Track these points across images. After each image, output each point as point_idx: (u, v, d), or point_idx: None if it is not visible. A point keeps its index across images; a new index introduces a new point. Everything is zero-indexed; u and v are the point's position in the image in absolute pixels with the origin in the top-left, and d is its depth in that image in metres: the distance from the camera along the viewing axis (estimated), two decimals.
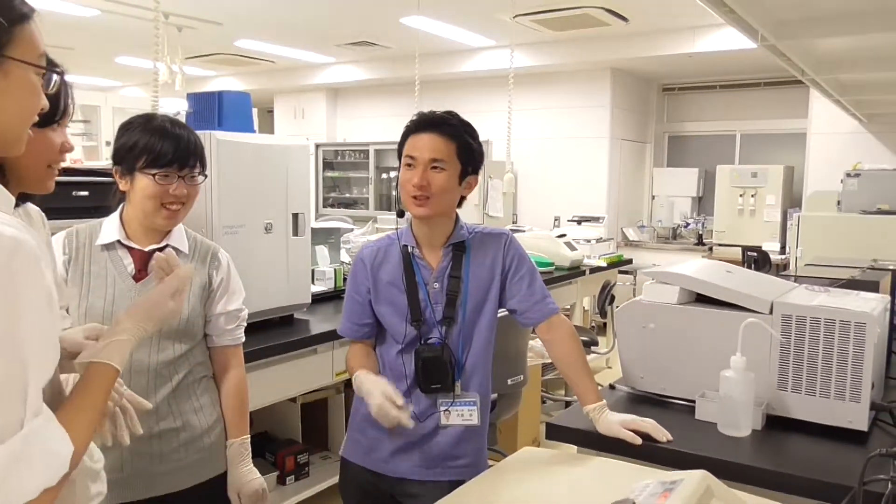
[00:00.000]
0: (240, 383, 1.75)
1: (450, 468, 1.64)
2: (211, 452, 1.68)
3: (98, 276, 1.59)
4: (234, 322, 1.71)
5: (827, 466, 1.46)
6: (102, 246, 1.61)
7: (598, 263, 5.25)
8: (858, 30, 2.77)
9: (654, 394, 1.85)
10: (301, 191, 2.84)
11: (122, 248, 1.61)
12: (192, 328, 1.64)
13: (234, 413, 1.72)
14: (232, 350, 1.73)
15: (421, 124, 1.61)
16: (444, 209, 1.62)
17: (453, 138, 1.59)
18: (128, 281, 1.59)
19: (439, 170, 1.57)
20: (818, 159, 6.49)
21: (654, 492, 1.07)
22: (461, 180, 1.62)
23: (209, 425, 1.68)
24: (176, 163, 1.56)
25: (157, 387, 1.60)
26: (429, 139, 1.58)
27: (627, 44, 6.55)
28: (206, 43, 7.12)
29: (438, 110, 1.66)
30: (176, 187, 1.57)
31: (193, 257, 1.66)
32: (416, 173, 1.57)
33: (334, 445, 3.34)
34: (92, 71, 8.96)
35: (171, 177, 1.56)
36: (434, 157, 1.57)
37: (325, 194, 8.53)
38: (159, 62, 3.22)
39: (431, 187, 1.56)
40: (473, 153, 1.63)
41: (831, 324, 1.60)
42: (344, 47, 7.45)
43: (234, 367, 1.74)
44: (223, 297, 1.69)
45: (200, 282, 1.66)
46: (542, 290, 1.69)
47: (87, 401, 0.95)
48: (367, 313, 1.69)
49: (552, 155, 7.63)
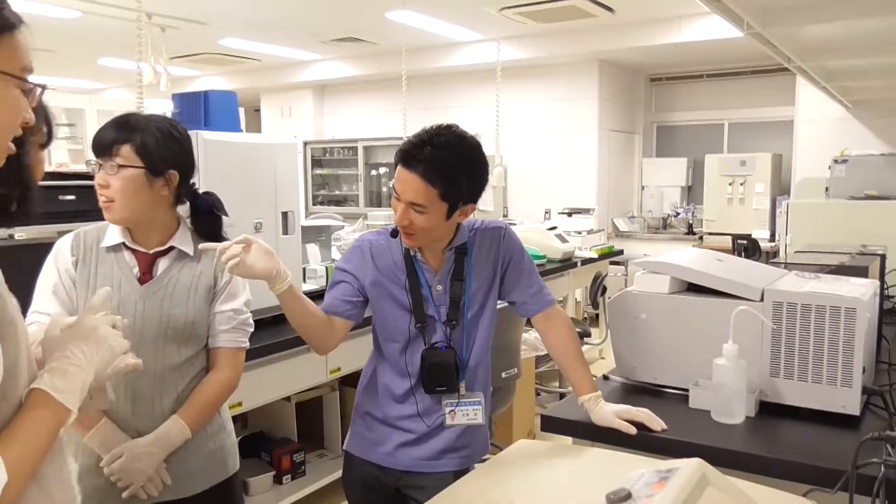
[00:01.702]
0: (220, 384, 1.63)
1: (455, 458, 1.66)
2: (216, 457, 1.66)
3: (104, 277, 1.57)
4: (231, 323, 1.65)
5: (820, 451, 1.47)
6: (108, 248, 1.59)
7: (589, 255, 5.26)
8: (843, 16, 2.78)
9: (648, 383, 1.85)
10: (290, 189, 2.83)
11: (127, 251, 1.59)
12: (196, 331, 1.61)
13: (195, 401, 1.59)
14: (226, 352, 1.65)
15: (406, 157, 1.49)
16: (435, 239, 1.59)
17: (436, 182, 1.47)
18: (133, 283, 1.57)
19: (420, 212, 1.50)
20: (806, 146, 6.53)
21: (650, 481, 1.07)
22: (450, 215, 1.54)
23: (214, 431, 1.66)
24: (96, 152, 1.53)
25: (162, 393, 1.57)
26: (410, 180, 1.48)
27: (614, 34, 6.55)
28: (190, 43, 7.07)
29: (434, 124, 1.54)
30: (99, 177, 1.53)
31: (198, 259, 1.63)
32: (399, 209, 1.52)
33: (330, 443, 3.34)
34: (75, 73, 8.87)
35: (97, 167, 1.53)
36: (413, 200, 1.49)
37: (315, 192, 8.50)
38: (143, 63, 3.19)
39: (413, 226, 1.52)
40: (462, 192, 1.52)
41: (822, 310, 1.61)
42: (330, 44, 7.42)
43: (222, 369, 1.64)
44: (223, 297, 1.65)
45: (206, 283, 1.62)
46: (539, 281, 1.71)
47: (24, 433, 0.84)
48: (356, 294, 1.64)
49: (541, 148, 7.63)
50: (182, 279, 1.60)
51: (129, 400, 1.54)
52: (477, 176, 1.55)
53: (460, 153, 1.51)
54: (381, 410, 1.67)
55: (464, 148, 1.52)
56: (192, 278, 1.61)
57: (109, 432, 1.52)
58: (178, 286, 1.59)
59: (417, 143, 1.50)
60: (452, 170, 1.49)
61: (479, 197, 1.59)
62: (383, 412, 1.67)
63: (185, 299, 1.59)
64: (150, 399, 1.56)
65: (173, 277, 1.60)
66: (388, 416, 1.66)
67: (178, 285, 1.59)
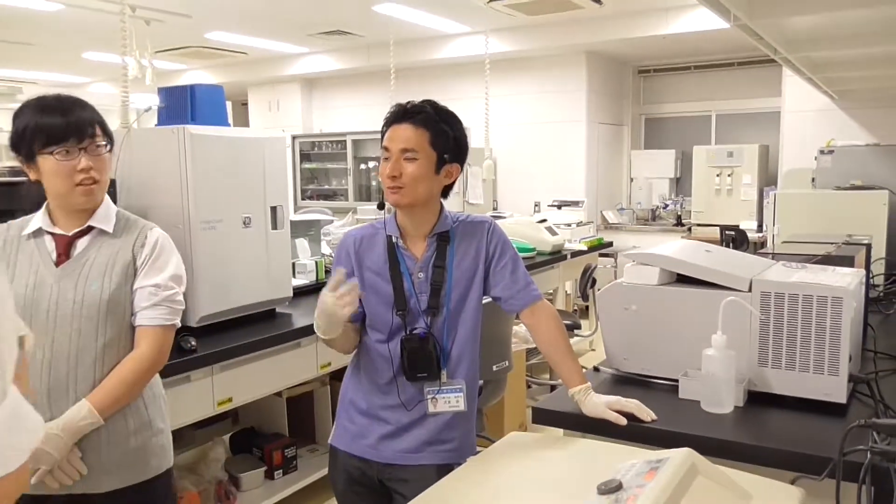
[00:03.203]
0: (136, 363, 1.56)
1: (437, 452, 1.65)
2: (136, 455, 1.60)
3: (23, 264, 1.56)
4: (152, 300, 1.59)
5: (808, 439, 1.49)
6: (29, 235, 1.58)
7: (578, 247, 5.28)
8: (828, 7, 2.79)
9: (638, 374, 1.86)
10: (279, 184, 2.81)
11: (46, 235, 1.58)
12: (114, 310, 1.56)
13: (106, 383, 1.54)
14: (145, 330, 1.58)
15: (395, 116, 1.61)
16: (421, 198, 1.61)
17: (426, 127, 1.58)
18: (49, 267, 1.56)
19: (411, 159, 1.57)
20: (792, 137, 6.56)
21: (641, 471, 1.07)
22: (438, 169, 1.61)
23: (136, 427, 1.61)
24: (72, 136, 1.51)
25: (77, 378, 1.53)
26: (401, 130, 1.59)
27: (601, 27, 6.55)
28: (175, 36, 7.00)
29: (418, 100, 1.65)
30: (81, 162, 1.52)
31: (118, 236, 1.61)
32: (389, 163, 1.58)
33: (321, 438, 3.34)
34: (58, 67, 8.77)
35: (73, 152, 1.51)
36: (405, 146, 1.57)
37: (304, 186, 8.46)
38: (128, 57, 3.15)
39: (403, 176, 1.57)
40: (449, 141, 1.62)
41: (809, 299, 1.62)
42: (317, 37, 7.37)
43: (140, 347, 1.58)
44: (143, 272, 1.61)
45: (124, 259, 1.59)
46: (525, 276, 1.70)
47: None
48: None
49: (530, 140, 7.63)
50: (99, 258, 1.59)
51: (44, 384, 1.51)
52: (460, 135, 1.65)
53: (444, 111, 1.65)
54: (366, 400, 1.68)
55: (445, 110, 1.65)
56: (109, 256, 1.59)
57: None
58: (94, 264, 1.58)
59: (403, 105, 1.62)
60: (439, 120, 1.61)
61: (463, 161, 1.67)
62: (367, 402, 1.68)
63: (101, 276, 1.57)
64: (66, 384, 1.52)
65: (90, 256, 1.58)
66: (371, 406, 1.67)
67: (95, 263, 1.58)
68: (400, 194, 1.59)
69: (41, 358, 1.51)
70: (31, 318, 1.51)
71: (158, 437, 1.67)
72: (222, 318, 2.62)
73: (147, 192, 2.51)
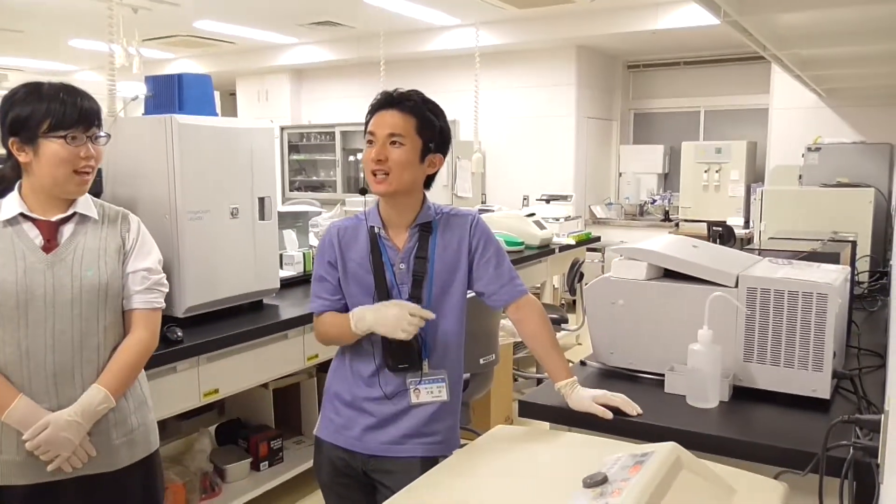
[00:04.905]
0: (139, 346, 1.62)
1: (421, 444, 1.65)
2: (139, 432, 1.67)
3: (4, 252, 1.53)
4: (145, 283, 1.64)
5: (792, 434, 1.50)
6: (4, 222, 1.55)
7: (567, 241, 5.29)
8: (817, 5, 2.80)
9: (624, 369, 1.87)
10: (266, 174, 2.80)
11: (26, 222, 1.56)
12: (112, 293, 1.60)
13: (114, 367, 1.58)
14: (141, 314, 1.64)
15: (382, 102, 1.62)
16: (405, 186, 1.61)
17: (412, 113, 1.60)
18: (38, 253, 1.55)
19: (397, 144, 1.58)
20: (780, 134, 6.60)
21: (626, 465, 1.08)
22: (423, 157, 1.61)
23: (136, 406, 1.67)
24: (82, 124, 1.53)
25: (83, 362, 1.56)
26: (388, 116, 1.60)
27: (591, 21, 6.55)
28: (163, 24, 6.91)
29: (404, 89, 1.65)
30: (86, 150, 1.54)
31: (103, 222, 1.63)
32: (375, 149, 1.58)
33: (308, 430, 3.33)
34: (44, 54, 8.64)
35: (80, 139, 1.53)
36: (391, 131, 1.58)
37: (292, 178, 8.42)
38: (115, 45, 3.11)
39: (389, 162, 1.57)
40: (435, 130, 1.63)
41: (795, 295, 1.63)
42: (307, 27, 7.32)
43: (139, 330, 1.63)
44: (133, 256, 1.64)
45: (115, 244, 1.63)
46: (509, 271, 1.70)
47: None
48: (339, 289, 1.69)
49: (520, 134, 7.63)
50: (89, 243, 1.60)
51: (49, 370, 1.53)
52: (445, 126, 1.66)
53: (430, 101, 1.66)
54: (350, 392, 1.68)
55: (431, 101, 1.67)
56: (99, 240, 1.61)
57: (27, 407, 1.50)
58: (86, 249, 1.59)
59: (389, 92, 1.63)
60: (425, 107, 1.63)
61: (447, 152, 1.67)
62: (352, 393, 1.68)
63: (97, 260, 1.58)
64: (71, 369, 1.55)
65: (80, 241, 1.59)
66: (355, 398, 1.67)
67: (87, 248, 1.59)
68: (386, 182, 1.58)
69: (44, 343, 1.52)
70: (25, 304, 1.51)
71: (151, 413, 1.74)
72: (209, 309, 2.61)
73: (133, 181, 2.48)
